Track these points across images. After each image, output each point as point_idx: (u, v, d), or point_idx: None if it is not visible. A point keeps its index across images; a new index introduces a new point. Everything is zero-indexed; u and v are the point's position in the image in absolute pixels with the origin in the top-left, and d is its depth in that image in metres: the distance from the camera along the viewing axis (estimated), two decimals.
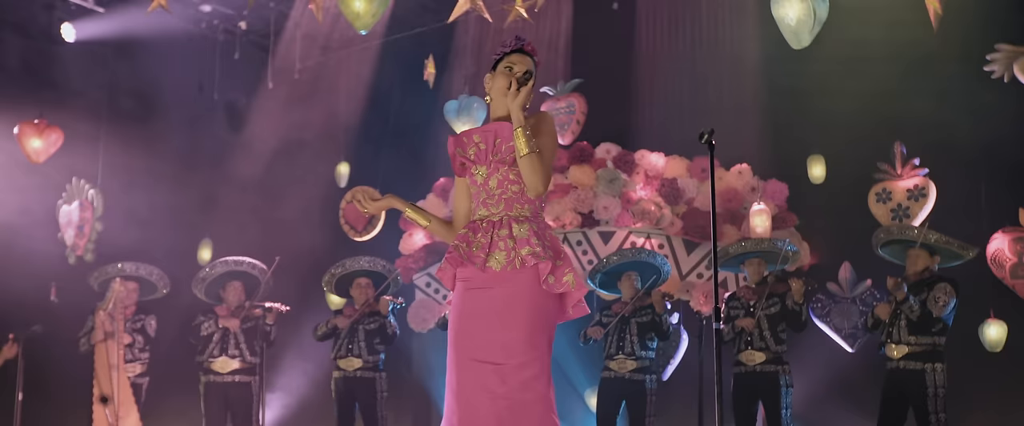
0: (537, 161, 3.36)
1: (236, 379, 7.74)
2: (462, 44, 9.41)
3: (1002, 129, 7.12)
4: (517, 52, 3.57)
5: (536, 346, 3.39)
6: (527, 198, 3.49)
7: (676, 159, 8.71)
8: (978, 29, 7.42)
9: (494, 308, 3.40)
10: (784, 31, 7.06)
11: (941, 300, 6.08)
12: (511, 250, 3.42)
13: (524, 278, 3.41)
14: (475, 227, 3.51)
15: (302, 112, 9.96)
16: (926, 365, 6.12)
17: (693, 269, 8.38)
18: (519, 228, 3.44)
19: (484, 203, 3.52)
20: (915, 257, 6.39)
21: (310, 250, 9.42)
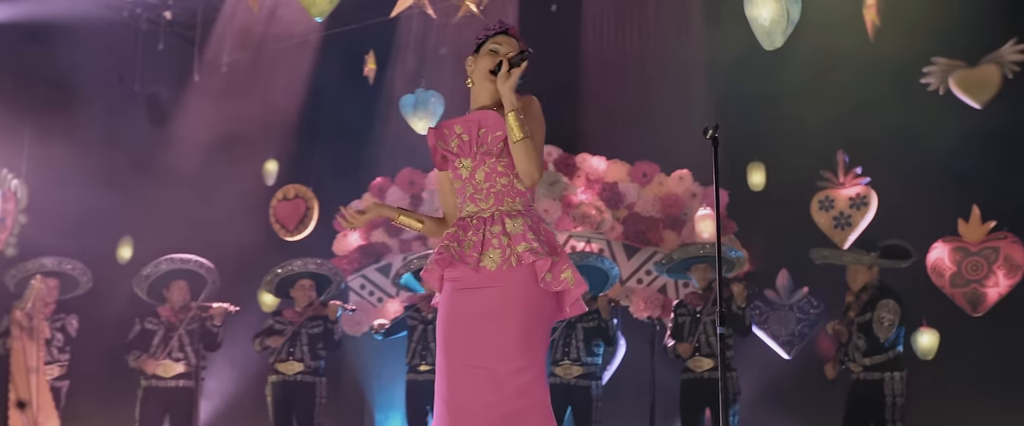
0: (531, 147, 3.18)
1: (180, 384, 7.39)
2: (405, 40, 9.18)
3: (941, 141, 7.23)
4: (502, 34, 3.38)
5: (532, 348, 3.19)
6: (518, 191, 3.30)
7: (617, 163, 8.66)
8: (918, 41, 7.55)
9: (487, 309, 3.20)
10: (757, 32, 7.05)
11: (886, 320, 6.15)
12: (506, 247, 3.21)
13: (519, 276, 3.21)
14: (465, 225, 3.30)
15: (231, 107, 9.60)
16: (885, 375, 6.19)
17: (633, 274, 8.35)
18: (512, 223, 3.24)
19: (471, 198, 3.32)
20: (854, 272, 6.46)
21: (238, 249, 9.08)
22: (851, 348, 6.33)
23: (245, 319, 8.12)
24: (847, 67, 7.66)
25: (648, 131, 8.62)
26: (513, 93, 3.20)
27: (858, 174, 7.70)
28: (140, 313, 7.57)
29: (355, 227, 3.55)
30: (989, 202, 7.19)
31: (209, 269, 7.71)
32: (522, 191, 3.31)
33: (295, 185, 9.46)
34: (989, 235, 7.08)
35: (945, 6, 7.39)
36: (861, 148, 7.74)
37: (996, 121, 7.23)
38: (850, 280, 6.44)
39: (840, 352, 6.45)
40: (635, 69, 8.74)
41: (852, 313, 6.34)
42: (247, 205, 9.45)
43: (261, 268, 8.24)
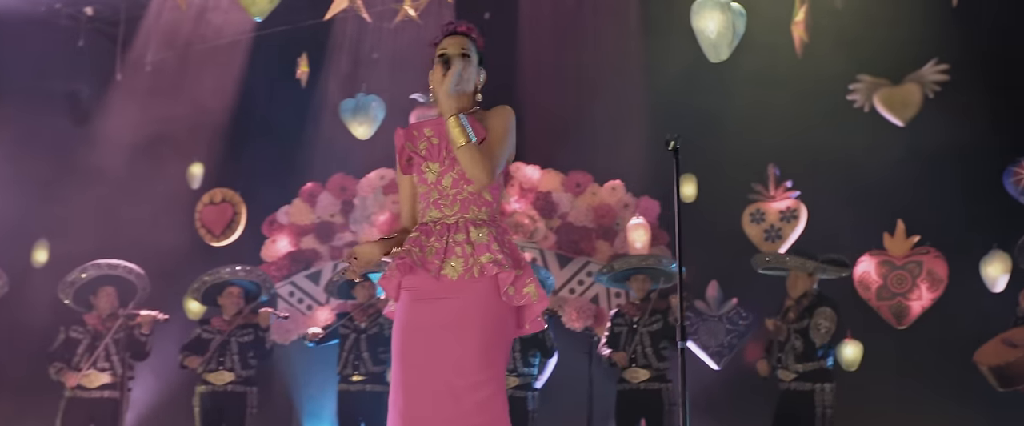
0: (475, 151, 3.08)
1: (104, 394, 7.13)
2: (339, 43, 9.07)
3: (868, 156, 7.43)
4: (447, 36, 3.30)
5: (492, 364, 3.10)
6: (485, 200, 3.22)
7: (551, 173, 8.69)
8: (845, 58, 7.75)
9: (447, 320, 3.11)
10: (703, 44, 7.14)
11: (822, 327, 6.26)
12: (469, 257, 3.13)
13: (481, 288, 3.12)
14: (428, 230, 3.20)
15: (156, 107, 9.36)
16: (815, 385, 6.28)
17: (566, 284, 8.38)
18: (478, 233, 3.16)
19: (436, 204, 3.22)
20: (795, 279, 6.55)
21: (160, 254, 8.82)
22: (786, 352, 6.40)
23: (170, 327, 7.89)
24: (778, 82, 7.80)
25: (582, 141, 8.68)
26: (450, 97, 3.10)
27: (788, 188, 7.87)
28: (64, 321, 7.30)
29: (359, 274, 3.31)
30: (913, 217, 7.41)
31: (139, 275, 7.49)
32: (489, 201, 3.23)
33: (222, 189, 9.27)
34: (913, 249, 7.30)
35: (871, 26, 7.61)
36: (791, 162, 7.89)
37: (919, 138, 7.46)
38: (790, 287, 6.54)
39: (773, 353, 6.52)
40: (570, 79, 8.79)
41: (792, 315, 6.43)
42: (171, 209, 9.22)
43: (186, 274, 8.05)
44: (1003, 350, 5.69)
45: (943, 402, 6.94)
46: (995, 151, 7.26)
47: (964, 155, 7.25)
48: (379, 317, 7.32)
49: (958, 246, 7.29)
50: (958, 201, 7.14)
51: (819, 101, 7.77)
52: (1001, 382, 5.70)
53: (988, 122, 7.21)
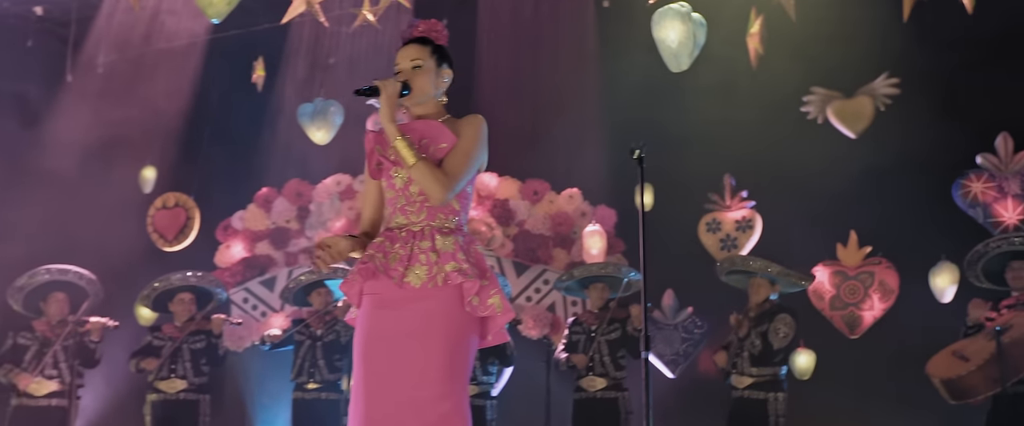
0: (426, 168, 3.06)
1: (52, 403, 6.98)
2: (296, 47, 9.00)
3: (821, 167, 7.52)
4: (405, 44, 3.28)
5: (455, 376, 3.07)
6: (452, 207, 3.19)
7: (508, 180, 8.68)
8: (800, 70, 7.85)
9: (409, 329, 3.06)
10: (664, 53, 7.19)
11: (781, 332, 6.33)
12: (433, 265, 3.09)
13: (445, 297, 3.08)
14: (393, 236, 3.17)
15: (108, 110, 9.20)
16: (768, 395, 6.35)
17: (523, 292, 8.38)
18: (443, 241, 3.13)
19: (403, 210, 3.19)
20: (757, 286, 6.60)
21: (112, 259, 8.68)
22: (743, 355, 6.43)
23: (121, 334, 7.78)
24: (734, 94, 7.89)
25: (540, 149, 8.69)
26: (392, 123, 3.08)
27: (744, 198, 7.95)
28: (13, 326, 7.15)
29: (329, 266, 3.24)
30: (866, 228, 7.52)
31: (91, 281, 7.37)
32: (456, 209, 3.20)
33: (175, 193, 9.14)
34: (865, 260, 7.41)
35: (824, 39, 7.70)
36: (747, 173, 7.97)
37: (871, 150, 7.57)
38: (752, 293, 6.59)
39: (731, 354, 6.56)
40: (528, 87, 8.80)
41: (752, 313, 6.48)
42: (123, 213, 9.06)
43: (138, 279, 7.94)
44: (955, 363, 5.78)
45: (895, 412, 7.04)
46: (945, 164, 7.39)
47: (915, 167, 7.39)
48: (336, 324, 7.26)
49: (909, 257, 7.41)
50: (909, 212, 7.28)
51: (774, 113, 7.85)
52: (953, 395, 5.79)
53: (938, 135, 7.34)
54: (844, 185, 7.42)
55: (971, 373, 5.67)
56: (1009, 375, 5.58)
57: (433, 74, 3.24)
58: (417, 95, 3.20)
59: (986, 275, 6.21)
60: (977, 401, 5.82)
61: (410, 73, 3.21)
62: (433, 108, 3.27)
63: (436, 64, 3.27)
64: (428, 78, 3.22)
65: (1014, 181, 7.09)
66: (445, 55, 3.33)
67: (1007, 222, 7.02)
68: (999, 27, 7.40)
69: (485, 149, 3.28)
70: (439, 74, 3.28)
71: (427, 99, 3.25)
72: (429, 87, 3.22)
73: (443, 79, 3.29)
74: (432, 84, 3.24)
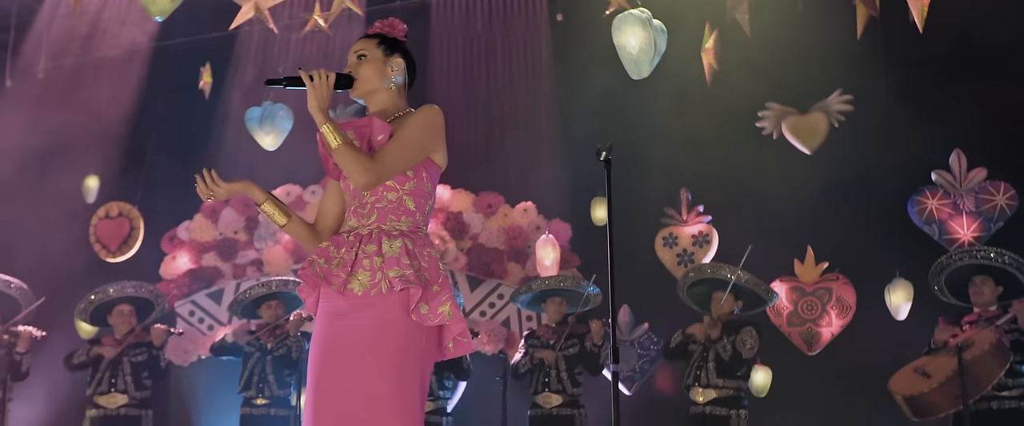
0: (349, 151, 2.89)
1: None
2: (244, 53, 8.80)
3: (778, 183, 7.52)
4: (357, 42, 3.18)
5: (406, 394, 2.86)
6: (406, 208, 3.00)
7: (462, 193, 8.58)
8: (755, 85, 7.85)
9: (360, 339, 2.88)
10: (624, 60, 7.12)
11: (748, 343, 6.27)
12: (376, 270, 2.90)
13: (393, 304, 2.89)
14: (339, 241, 3.00)
15: (49, 117, 8.93)
16: (731, 411, 6.27)
17: (477, 306, 8.26)
18: (390, 244, 2.94)
19: (355, 212, 3.03)
20: (720, 299, 6.52)
21: (53, 270, 8.42)
22: (710, 365, 6.35)
23: (60, 347, 7.52)
24: (690, 108, 7.86)
25: (494, 162, 8.61)
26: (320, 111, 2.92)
27: (700, 212, 7.91)
28: None
29: (214, 197, 3.21)
30: (822, 244, 7.51)
31: (21, 289, 7.09)
32: (411, 210, 3.02)
33: (118, 203, 8.89)
34: (822, 276, 7.40)
35: (779, 54, 7.72)
36: (703, 187, 7.95)
37: (826, 166, 7.59)
38: (715, 307, 6.51)
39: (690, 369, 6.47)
40: (482, 99, 8.72)
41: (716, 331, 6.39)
42: (65, 223, 8.80)
43: (79, 291, 7.68)
44: (917, 380, 5.77)
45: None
46: (900, 180, 7.42)
47: (870, 183, 7.43)
48: (286, 338, 7.07)
49: (865, 273, 7.41)
50: (865, 229, 7.28)
51: (730, 127, 7.84)
52: (915, 412, 5.78)
53: (893, 151, 7.39)
54: (801, 201, 7.41)
55: (933, 390, 5.65)
56: (971, 392, 5.58)
57: (380, 63, 3.09)
58: (363, 85, 3.07)
59: (950, 290, 6.22)
60: (939, 418, 5.82)
61: (355, 65, 3.09)
62: (389, 101, 3.12)
63: (384, 53, 3.11)
64: (374, 67, 3.08)
65: (969, 198, 7.14)
66: (396, 45, 3.16)
67: (962, 239, 7.06)
68: (950, 45, 7.48)
69: (434, 139, 3.08)
70: (387, 63, 3.11)
71: (377, 90, 3.10)
72: (374, 76, 3.08)
73: (392, 68, 3.12)
74: (379, 73, 3.09)
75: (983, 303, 5.96)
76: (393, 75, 3.12)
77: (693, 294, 6.80)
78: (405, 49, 3.19)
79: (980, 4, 7.44)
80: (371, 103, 3.13)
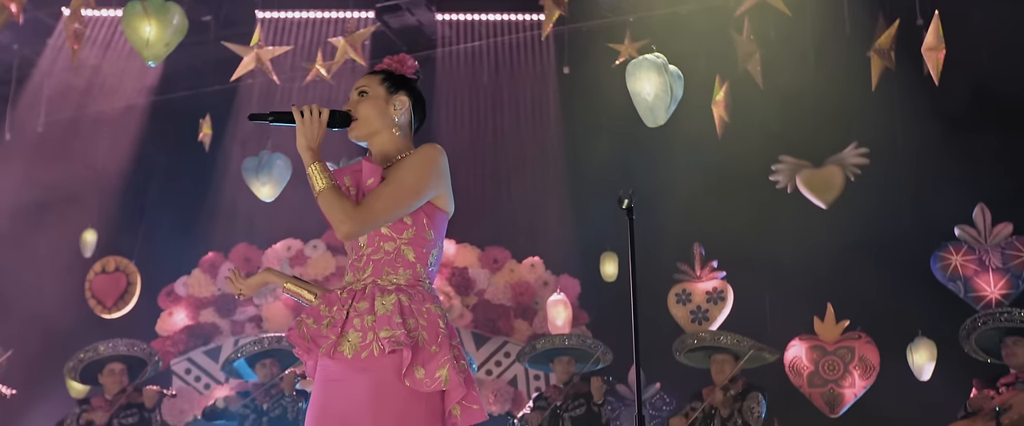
0: (331, 196, 2.63)
1: None
2: (244, 105, 8.67)
3: (794, 238, 7.31)
4: None
5: None
6: (405, 260, 2.71)
7: (467, 248, 8.40)
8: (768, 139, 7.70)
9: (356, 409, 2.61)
10: (639, 107, 6.96)
11: (755, 411, 6.06)
12: (367, 330, 2.63)
13: (388, 368, 2.59)
14: (331, 298, 2.72)
15: (47, 170, 8.79)
16: None
17: (483, 364, 8.01)
18: (383, 301, 2.65)
19: (352, 266, 2.76)
20: (722, 363, 6.30)
21: (46, 327, 8.21)
22: None
23: (51, 406, 7.28)
24: (702, 161, 7.70)
25: (500, 217, 8.46)
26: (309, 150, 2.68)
27: (714, 268, 7.69)
28: None
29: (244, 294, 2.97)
30: (841, 301, 7.27)
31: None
32: (410, 261, 2.71)
33: (115, 257, 8.70)
34: (844, 334, 7.14)
35: (792, 107, 7.58)
36: (717, 242, 7.74)
37: (842, 220, 7.39)
38: (716, 371, 6.29)
39: None
40: (489, 153, 8.61)
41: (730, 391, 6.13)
42: (61, 277, 8.63)
43: (73, 348, 7.42)
44: None
45: None
46: (920, 235, 7.21)
47: (889, 238, 7.23)
48: (282, 398, 6.80)
49: (887, 332, 7.18)
50: (886, 285, 7.06)
51: (743, 181, 7.68)
52: None
53: (912, 205, 7.20)
54: (817, 256, 7.21)
55: None
56: None
57: (382, 101, 2.80)
58: (362, 125, 2.78)
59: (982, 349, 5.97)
60: None
61: (355, 103, 2.81)
62: (390, 143, 2.81)
63: (387, 90, 2.82)
64: (375, 105, 2.79)
65: (994, 254, 6.90)
66: (402, 82, 2.87)
67: (990, 297, 6.81)
68: (968, 98, 7.32)
69: (434, 180, 2.75)
70: (390, 101, 2.81)
71: (378, 131, 2.80)
72: (375, 116, 2.79)
73: (396, 107, 2.82)
74: (380, 112, 2.79)
75: (1018, 365, 5.72)
76: (396, 114, 2.82)
77: (691, 358, 6.57)
78: (412, 86, 2.91)
79: (996, 56, 7.34)
80: (372, 146, 2.84)
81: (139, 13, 6.52)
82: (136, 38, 6.58)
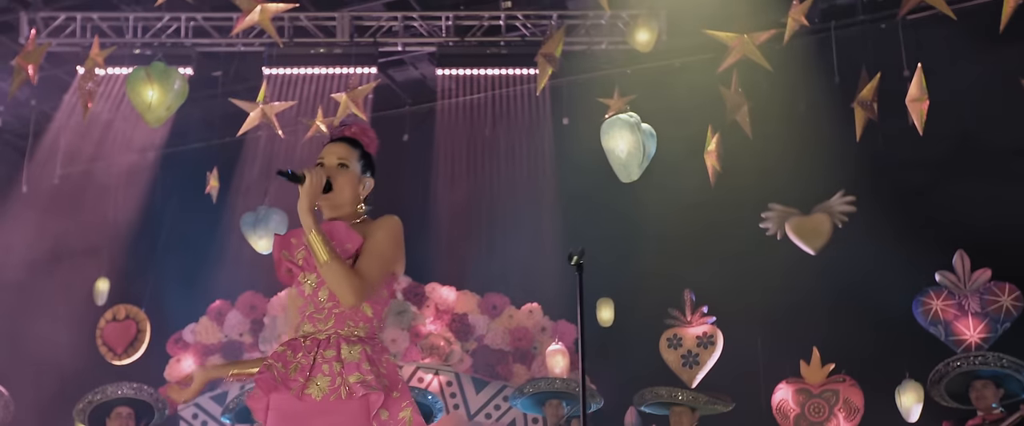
0: (338, 268, 2.82)
1: None
2: (250, 158, 8.99)
3: (781, 283, 7.52)
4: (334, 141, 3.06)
5: None
6: (363, 314, 2.93)
7: (467, 294, 8.62)
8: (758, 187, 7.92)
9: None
10: (614, 164, 7.22)
11: None
12: (337, 375, 2.82)
13: (352, 411, 2.80)
14: (296, 345, 2.91)
15: (61, 221, 9.11)
16: None
17: (482, 408, 8.19)
18: (349, 350, 2.86)
19: (311, 318, 2.94)
20: (680, 415, 6.49)
21: (58, 373, 8.46)
22: None
23: None
24: (693, 209, 7.91)
25: (498, 263, 8.66)
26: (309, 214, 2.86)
27: (705, 313, 7.89)
28: None
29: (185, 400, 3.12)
30: (827, 345, 7.46)
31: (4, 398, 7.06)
32: (368, 316, 2.95)
33: (125, 305, 8.95)
34: (829, 378, 7.32)
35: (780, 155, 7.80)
36: (706, 288, 7.94)
37: (830, 266, 7.59)
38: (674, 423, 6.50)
39: None
40: (486, 201, 8.84)
41: None
42: (74, 325, 8.88)
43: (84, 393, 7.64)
44: None
45: None
46: (905, 281, 7.40)
47: (875, 284, 7.40)
48: None
49: (874, 375, 7.35)
50: (872, 329, 7.24)
51: (733, 227, 7.88)
52: None
53: (897, 252, 7.39)
54: (805, 301, 7.40)
55: None
56: None
57: (356, 179, 3.02)
58: (337, 197, 2.99)
59: (950, 395, 6.13)
60: None
61: (335, 171, 2.99)
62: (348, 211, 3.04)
63: (361, 169, 3.05)
64: (351, 182, 3.00)
65: (973, 299, 7.10)
66: (371, 163, 3.11)
67: (969, 340, 7.00)
68: (951, 147, 7.55)
69: (401, 252, 3.01)
70: (362, 181, 3.05)
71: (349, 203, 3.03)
72: (349, 192, 3.01)
73: (365, 186, 3.05)
74: (353, 189, 3.02)
75: (985, 407, 5.86)
76: (363, 194, 3.06)
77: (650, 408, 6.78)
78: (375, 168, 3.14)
79: (979, 106, 7.55)
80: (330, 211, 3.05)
81: (142, 78, 6.86)
82: (139, 102, 6.91)
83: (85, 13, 8.44)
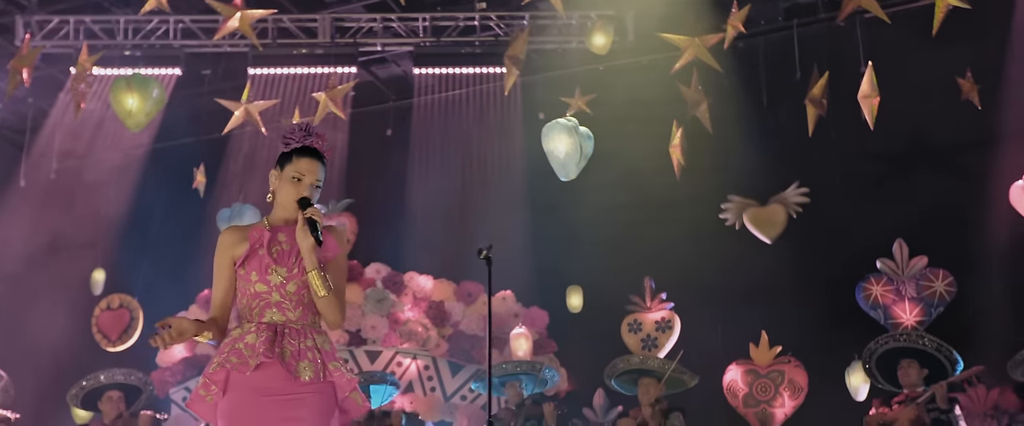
0: (334, 299, 3.15)
1: None
2: (235, 153, 9.40)
3: (736, 270, 7.92)
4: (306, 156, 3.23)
5: None
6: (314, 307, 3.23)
7: (443, 282, 9.01)
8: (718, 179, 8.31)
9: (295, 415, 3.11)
10: (553, 163, 7.63)
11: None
12: (317, 361, 3.16)
13: (328, 392, 3.17)
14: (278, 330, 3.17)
15: (57, 214, 9.53)
16: None
17: (458, 391, 8.62)
18: (321, 339, 3.21)
19: (278, 306, 3.17)
20: (647, 386, 6.82)
21: (54, 358, 8.90)
22: None
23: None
24: (656, 200, 8.28)
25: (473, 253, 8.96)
26: (311, 253, 3.11)
27: (663, 299, 8.31)
28: None
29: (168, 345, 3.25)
30: (785, 328, 7.84)
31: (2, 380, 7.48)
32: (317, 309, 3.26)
33: (119, 295, 9.38)
34: (776, 359, 7.75)
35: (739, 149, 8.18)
36: (666, 274, 8.33)
37: (783, 254, 7.99)
38: (642, 394, 6.84)
39: None
40: (462, 192, 9.19)
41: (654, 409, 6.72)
42: (70, 313, 9.29)
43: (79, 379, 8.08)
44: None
45: None
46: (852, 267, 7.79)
47: (826, 271, 7.80)
48: None
49: (826, 356, 7.71)
50: (824, 313, 7.61)
51: (693, 219, 8.24)
52: None
53: (845, 240, 7.79)
54: (760, 288, 7.79)
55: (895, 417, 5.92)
56: None
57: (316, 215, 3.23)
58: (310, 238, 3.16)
59: (882, 374, 6.52)
60: None
61: (312, 193, 3.24)
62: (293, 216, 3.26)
63: None
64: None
65: (910, 285, 7.51)
66: None
67: (905, 323, 7.41)
68: (900, 142, 7.94)
69: None
70: None
71: None
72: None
73: None
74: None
75: (910, 384, 6.24)
76: None
77: (620, 382, 7.16)
78: None
79: (928, 102, 7.88)
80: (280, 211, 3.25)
81: (123, 87, 7.31)
82: (120, 109, 7.36)
83: (78, 16, 8.84)
